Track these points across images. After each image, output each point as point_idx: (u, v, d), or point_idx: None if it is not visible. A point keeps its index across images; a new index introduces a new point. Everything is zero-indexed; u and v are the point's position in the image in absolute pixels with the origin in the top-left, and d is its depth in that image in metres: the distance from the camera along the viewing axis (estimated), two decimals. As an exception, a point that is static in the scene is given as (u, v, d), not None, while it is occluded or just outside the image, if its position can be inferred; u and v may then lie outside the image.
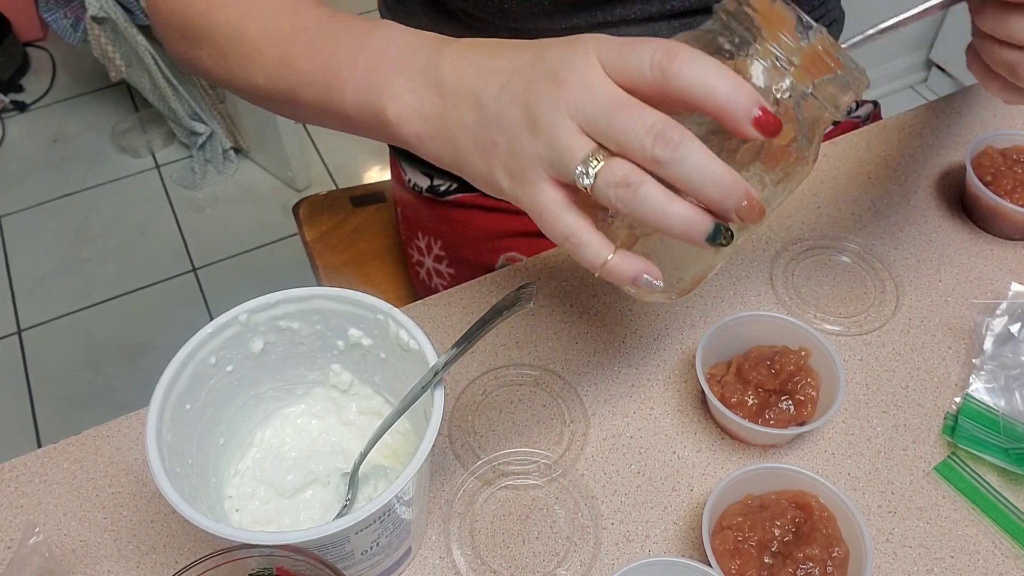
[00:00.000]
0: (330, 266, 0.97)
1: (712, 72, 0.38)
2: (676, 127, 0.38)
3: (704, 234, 0.40)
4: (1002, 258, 0.70)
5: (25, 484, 0.57)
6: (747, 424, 0.56)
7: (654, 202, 0.39)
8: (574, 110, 0.40)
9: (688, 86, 0.39)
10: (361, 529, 0.44)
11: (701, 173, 0.38)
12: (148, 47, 1.76)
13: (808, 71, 0.41)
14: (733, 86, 0.38)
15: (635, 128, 0.39)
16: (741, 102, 0.38)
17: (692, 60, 0.39)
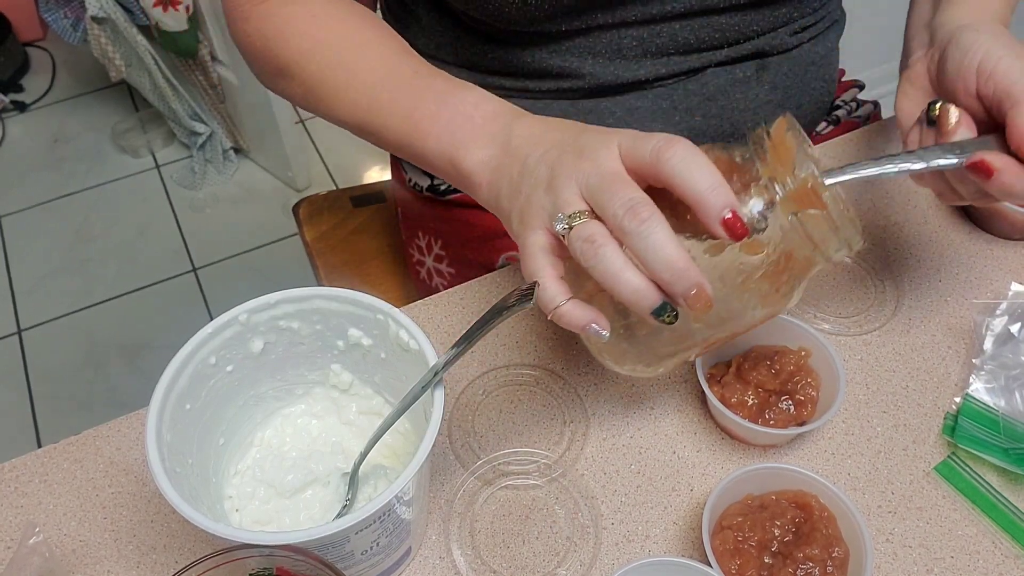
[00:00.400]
0: (330, 266, 0.97)
1: (697, 167, 0.43)
2: (649, 206, 0.43)
3: (649, 307, 0.44)
4: (1002, 258, 0.70)
5: (25, 484, 0.57)
6: (747, 424, 0.56)
7: (610, 264, 0.43)
8: (582, 178, 0.46)
9: (673, 173, 0.43)
10: (361, 529, 0.44)
11: (657, 252, 0.42)
12: (148, 47, 1.76)
13: (795, 202, 0.45)
14: (712, 183, 0.43)
15: (616, 198, 0.44)
16: (716, 200, 0.42)
17: (685, 152, 0.43)
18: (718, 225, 0.43)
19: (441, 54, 0.76)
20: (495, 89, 0.75)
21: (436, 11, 0.74)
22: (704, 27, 0.71)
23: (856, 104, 0.89)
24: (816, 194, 0.44)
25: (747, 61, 0.74)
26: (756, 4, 0.71)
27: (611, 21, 0.68)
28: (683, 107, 0.73)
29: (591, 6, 0.67)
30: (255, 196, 1.97)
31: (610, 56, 0.71)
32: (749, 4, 0.70)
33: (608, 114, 0.73)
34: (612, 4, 0.67)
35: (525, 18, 0.67)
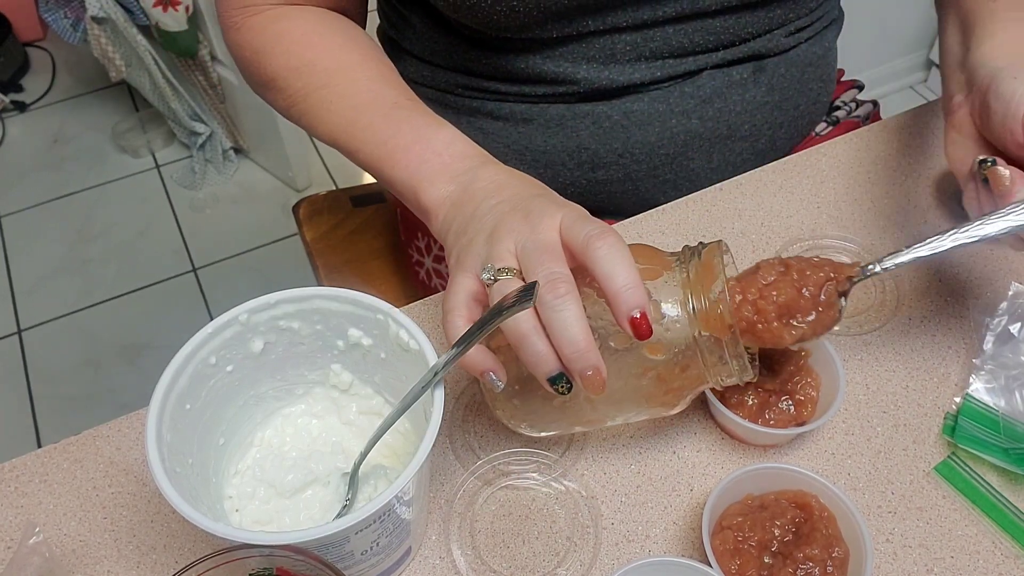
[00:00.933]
0: (330, 266, 0.97)
1: (619, 263, 0.46)
2: (567, 284, 0.46)
3: (547, 374, 0.47)
4: (1002, 258, 0.70)
5: (25, 484, 0.57)
6: (747, 424, 0.56)
7: (521, 325, 0.46)
8: (520, 239, 0.49)
9: (596, 264, 0.46)
10: (361, 529, 0.44)
11: (565, 328, 0.45)
12: (148, 47, 1.76)
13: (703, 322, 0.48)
14: (629, 282, 0.45)
15: (541, 267, 0.46)
16: (629, 298, 0.45)
17: (613, 248, 0.46)
18: (626, 322, 0.45)
19: (436, 59, 0.76)
20: (491, 92, 0.75)
21: (429, 17, 0.74)
22: (698, 31, 0.70)
23: (856, 104, 0.89)
24: (722, 323, 0.47)
25: (743, 63, 0.74)
26: (750, 6, 0.70)
27: (602, 27, 0.68)
28: (679, 110, 0.73)
29: (581, 12, 0.67)
30: (255, 196, 1.97)
31: (603, 61, 0.71)
32: (742, 6, 0.70)
33: (604, 118, 0.73)
34: (602, 9, 0.67)
35: (515, 24, 0.67)
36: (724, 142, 0.77)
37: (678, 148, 0.75)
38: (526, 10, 0.65)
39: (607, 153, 0.75)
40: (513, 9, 0.65)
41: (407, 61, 0.80)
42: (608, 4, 0.67)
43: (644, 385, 0.50)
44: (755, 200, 0.74)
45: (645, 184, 0.77)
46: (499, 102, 0.75)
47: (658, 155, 0.75)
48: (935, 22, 0.72)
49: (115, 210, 1.96)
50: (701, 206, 0.74)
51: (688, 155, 0.76)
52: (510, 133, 0.76)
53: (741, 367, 0.49)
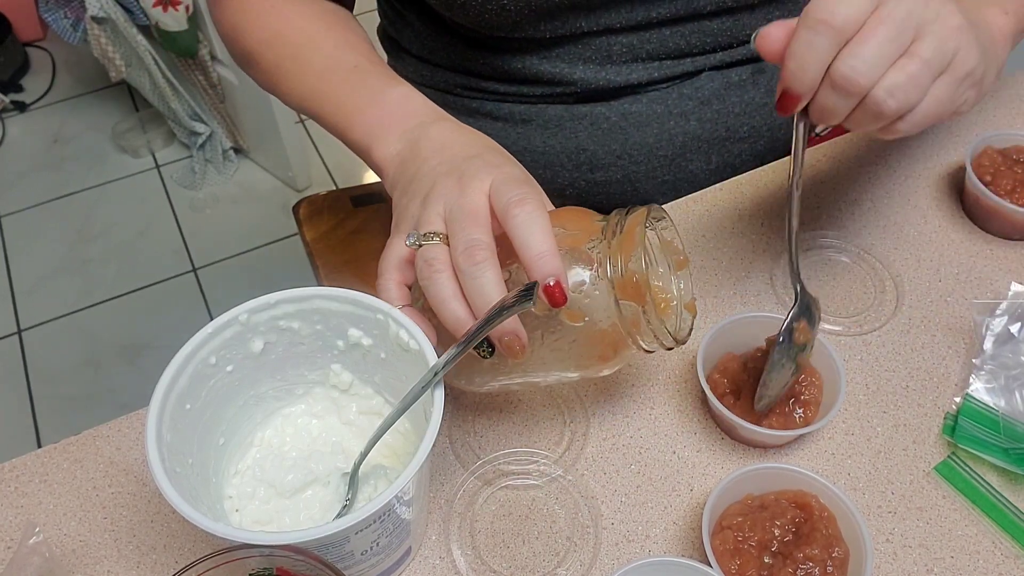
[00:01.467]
0: (330, 266, 0.97)
1: (537, 231, 0.46)
2: (485, 251, 0.46)
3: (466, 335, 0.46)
4: (1002, 258, 0.70)
5: (25, 484, 0.57)
6: (748, 425, 0.56)
7: (441, 290, 0.47)
8: (448, 203, 0.49)
9: (512, 231, 0.46)
10: (361, 529, 0.44)
11: (481, 293, 0.46)
12: (148, 47, 1.76)
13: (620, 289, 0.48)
14: (544, 250, 0.45)
15: (462, 233, 0.47)
16: (543, 267, 0.45)
17: (530, 215, 0.46)
18: (541, 291, 0.45)
19: (435, 58, 0.76)
20: (490, 92, 0.75)
21: (426, 16, 0.74)
22: (695, 32, 0.70)
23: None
24: (639, 291, 0.47)
25: (742, 65, 0.74)
26: (747, 7, 0.70)
27: (596, 28, 0.68)
28: (677, 111, 0.73)
29: (573, 12, 0.67)
30: (255, 196, 1.97)
31: (600, 62, 0.70)
32: (739, 7, 0.70)
33: (603, 119, 0.73)
34: (595, 9, 0.67)
35: (506, 23, 0.67)
36: (723, 144, 0.76)
37: (676, 149, 0.75)
38: (516, 8, 0.65)
39: (605, 154, 0.75)
40: (503, 7, 0.65)
41: (406, 60, 0.80)
42: (600, 4, 0.67)
43: (568, 349, 0.50)
44: (755, 200, 0.74)
45: (644, 185, 0.77)
46: (497, 102, 0.75)
47: (657, 156, 0.75)
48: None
49: (115, 210, 1.96)
50: (701, 206, 0.74)
51: (687, 156, 0.76)
52: (509, 134, 0.76)
53: (661, 334, 0.49)
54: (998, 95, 0.83)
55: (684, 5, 0.68)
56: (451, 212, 0.49)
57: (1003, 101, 0.82)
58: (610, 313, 0.48)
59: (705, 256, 0.70)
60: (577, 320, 0.49)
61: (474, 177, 0.50)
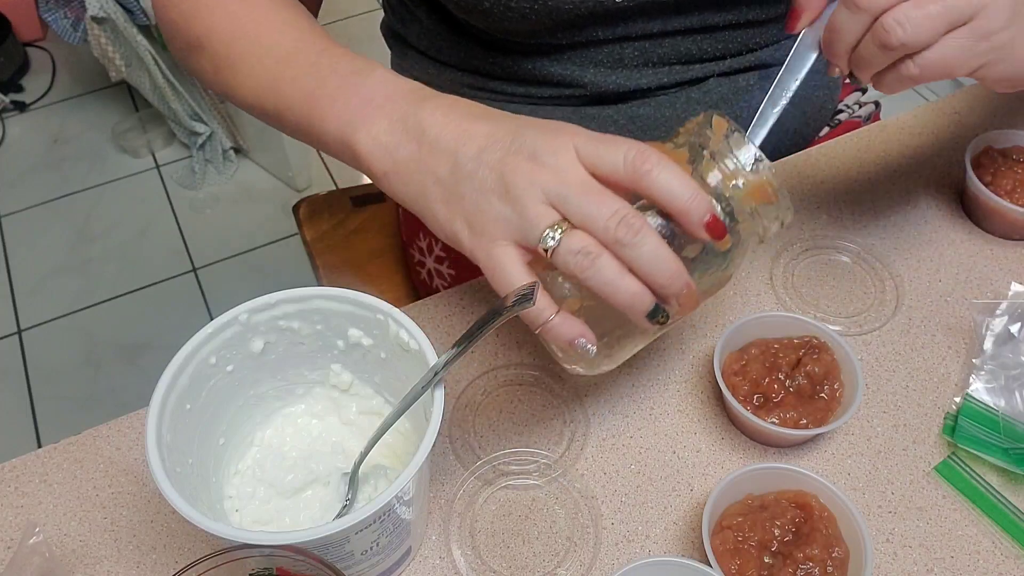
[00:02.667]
0: (330, 266, 0.97)
1: (677, 178, 0.45)
2: (638, 216, 0.44)
3: (646, 310, 0.45)
4: (1002, 258, 0.70)
5: (25, 484, 0.57)
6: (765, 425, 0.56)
7: (608, 274, 0.44)
8: (549, 189, 0.45)
9: (656, 187, 0.45)
10: (361, 529, 0.44)
11: (654, 258, 0.44)
12: (148, 47, 1.76)
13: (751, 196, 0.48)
14: (693, 193, 0.44)
15: (602, 211, 0.44)
16: (697, 207, 0.44)
17: (661, 164, 0.45)
18: (702, 229, 0.45)
19: (442, 57, 0.76)
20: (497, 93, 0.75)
21: (437, 15, 0.74)
22: (706, 40, 0.71)
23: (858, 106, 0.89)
24: (763, 189, 0.48)
25: (750, 71, 0.74)
26: (758, 22, 0.71)
27: (612, 36, 0.68)
28: (685, 116, 0.73)
29: (592, 22, 0.67)
30: (255, 196, 1.97)
31: (611, 65, 0.71)
32: (749, 22, 0.70)
33: (611, 122, 0.73)
34: (613, 20, 0.67)
35: (524, 30, 0.67)
36: None
37: None
38: (537, 18, 0.65)
39: None
40: (524, 16, 0.64)
41: (412, 58, 0.80)
42: (619, 16, 0.67)
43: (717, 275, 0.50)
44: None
45: None
46: (504, 103, 0.75)
47: None
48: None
49: (115, 210, 1.95)
50: (701, 206, 0.74)
51: None
52: None
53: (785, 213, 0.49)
54: (998, 95, 0.83)
55: (698, 19, 0.68)
56: (561, 196, 0.45)
57: (1003, 101, 0.82)
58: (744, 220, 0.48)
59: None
60: (727, 244, 0.48)
61: (553, 152, 0.46)
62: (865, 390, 0.62)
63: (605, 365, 0.51)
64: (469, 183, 0.47)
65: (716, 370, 0.58)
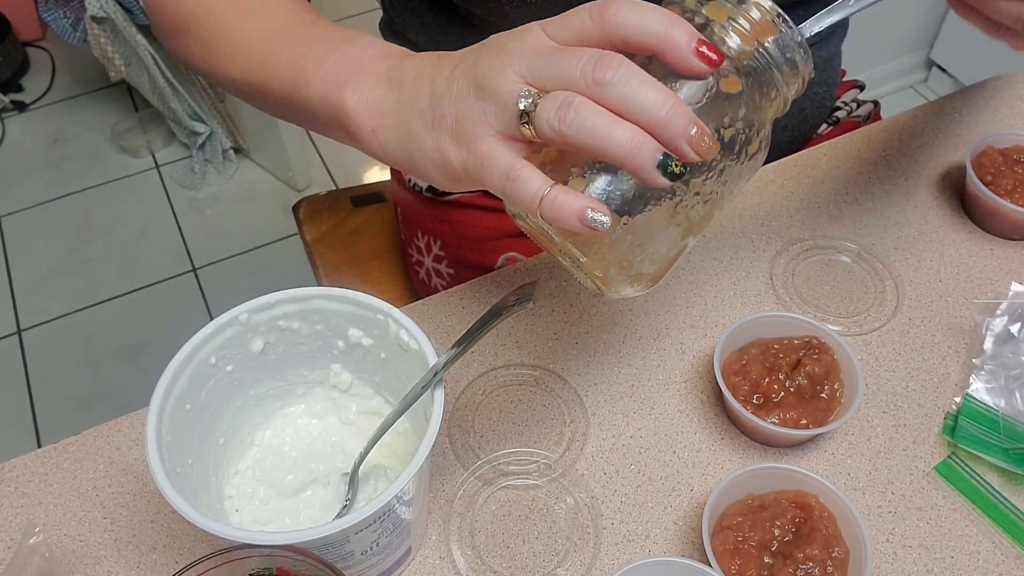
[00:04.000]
0: (330, 266, 0.97)
1: (648, 11, 0.39)
2: (617, 56, 0.39)
3: (653, 159, 0.38)
4: (1002, 258, 0.70)
5: (25, 484, 0.57)
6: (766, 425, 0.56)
7: (595, 121, 0.38)
8: (517, 66, 0.41)
9: (626, 24, 0.39)
10: (361, 529, 0.44)
11: (644, 92, 0.38)
12: (148, 47, 1.76)
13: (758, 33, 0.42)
14: (670, 22, 0.39)
15: (575, 60, 0.39)
16: (679, 35, 0.39)
17: (627, 3, 0.39)
18: (692, 56, 0.39)
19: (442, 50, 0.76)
20: None
21: (437, 7, 0.74)
22: None
23: (856, 104, 0.89)
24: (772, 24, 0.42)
25: None
26: None
27: None
28: None
29: None
30: (255, 196, 1.97)
31: None
32: None
33: None
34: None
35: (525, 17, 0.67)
36: None
37: None
38: (538, 5, 0.65)
39: None
40: (525, 2, 0.64)
41: None
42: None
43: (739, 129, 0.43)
44: (755, 200, 0.74)
45: None
46: None
47: None
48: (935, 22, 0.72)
49: (115, 210, 1.95)
50: (701, 206, 0.74)
51: None
52: None
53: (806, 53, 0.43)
54: (998, 95, 0.83)
55: None
56: (531, 66, 0.40)
57: (1003, 101, 0.82)
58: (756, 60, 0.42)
59: (705, 256, 0.70)
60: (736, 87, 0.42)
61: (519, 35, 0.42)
62: (865, 390, 0.62)
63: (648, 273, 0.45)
64: (447, 98, 0.44)
65: (716, 370, 0.58)
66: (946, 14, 1.93)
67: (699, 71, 0.39)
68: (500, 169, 0.41)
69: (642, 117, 0.38)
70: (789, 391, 0.58)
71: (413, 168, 0.47)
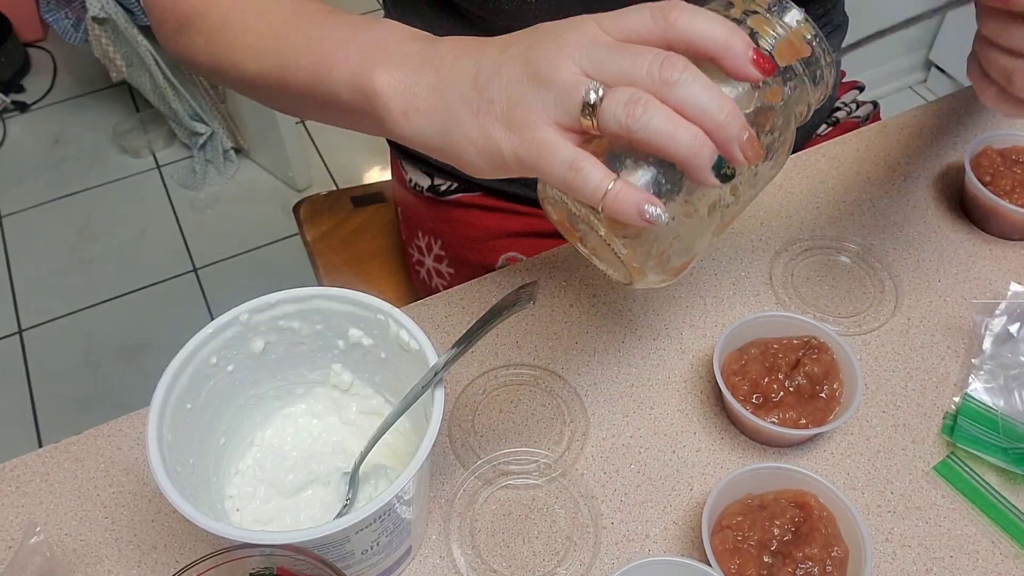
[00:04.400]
0: (330, 266, 0.98)
1: (709, 18, 0.40)
2: (681, 58, 0.40)
3: (709, 159, 0.40)
4: (1001, 258, 0.70)
5: (26, 484, 0.57)
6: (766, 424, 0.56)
7: (662, 121, 0.39)
8: (577, 56, 0.41)
9: (690, 30, 0.40)
10: (361, 529, 0.44)
11: (708, 95, 0.39)
12: (149, 47, 1.76)
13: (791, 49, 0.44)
14: (730, 30, 0.40)
15: (640, 59, 0.40)
16: (739, 43, 0.40)
17: (690, 9, 0.41)
18: (749, 64, 0.40)
19: None
20: None
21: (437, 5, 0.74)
22: None
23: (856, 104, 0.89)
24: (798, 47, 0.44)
25: None
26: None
27: None
28: None
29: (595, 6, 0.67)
30: (255, 196, 1.97)
31: None
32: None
33: None
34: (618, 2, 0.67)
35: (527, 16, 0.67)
36: None
37: None
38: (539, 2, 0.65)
39: None
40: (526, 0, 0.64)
41: None
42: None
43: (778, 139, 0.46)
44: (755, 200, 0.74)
45: None
46: None
47: None
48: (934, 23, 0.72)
49: (116, 210, 1.96)
50: (701, 206, 0.74)
51: None
52: None
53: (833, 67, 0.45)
54: (998, 95, 0.83)
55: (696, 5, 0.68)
56: (594, 58, 0.40)
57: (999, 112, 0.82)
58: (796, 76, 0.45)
59: (705, 256, 0.70)
60: (778, 98, 0.44)
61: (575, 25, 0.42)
62: (864, 390, 0.62)
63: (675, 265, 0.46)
64: (496, 83, 0.42)
65: (716, 370, 0.58)
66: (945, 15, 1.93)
67: (753, 78, 0.41)
68: (561, 159, 0.41)
69: (704, 119, 0.39)
70: (788, 391, 0.58)
71: (449, 152, 0.45)
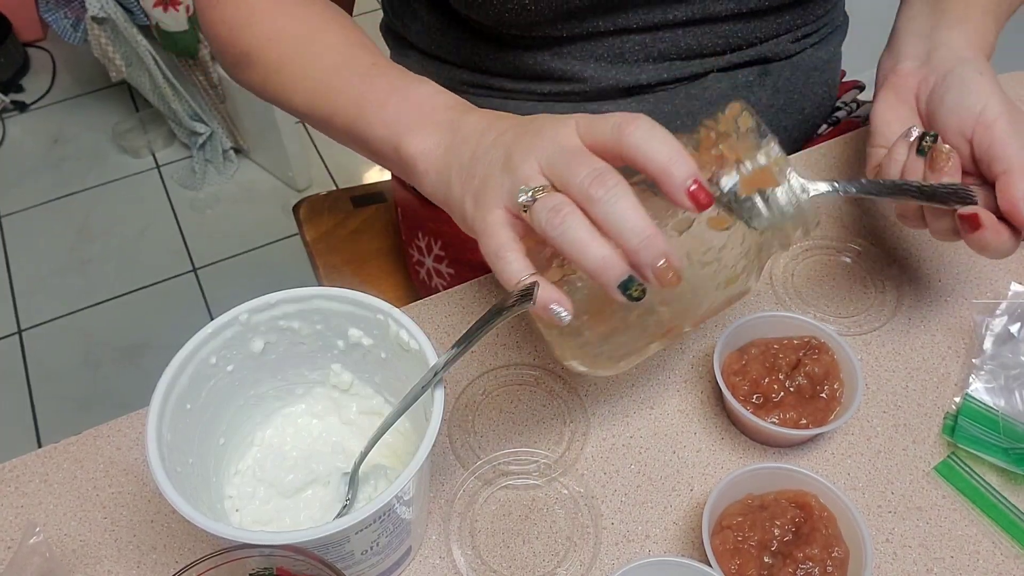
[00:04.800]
0: (330, 266, 0.97)
1: (658, 139, 0.43)
2: (616, 176, 0.42)
3: (617, 279, 0.42)
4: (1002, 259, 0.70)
5: (25, 484, 0.57)
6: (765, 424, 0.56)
7: (577, 233, 0.42)
8: (541, 154, 0.45)
9: (635, 145, 0.43)
10: (361, 529, 0.44)
11: (625, 218, 0.42)
12: (148, 47, 1.76)
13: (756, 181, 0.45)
14: (674, 153, 0.42)
15: (581, 167, 0.43)
16: (679, 170, 0.42)
17: (645, 126, 0.43)
18: (683, 194, 0.42)
19: (442, 54, 0.76)
20: (496, 90, 0.75)
21: (437, 10, 0.74)
22: (706, 34, 0.71)
23: (856, 104, 0.89)
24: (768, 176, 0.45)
25: (749, 66, 0.74)
26: (759, 12, 0.71)
27: (612, 28, 0.68)
28: (684, 111, 0.73)
29: (592, 12, 0.67)
30: (255, 196, 1.97)
31: (611, 60, 0.71)
32: (751, 12, 0.70)
33: None
34: (613, 10, 0.67)
35: (525, 22, 0.67)
36: None
37: None
38: (538, 9, 0.65)
39: None
40: (524, 7, 0.64)
41: (411, 56, 0.80)
42: (620, 5, 0.67)
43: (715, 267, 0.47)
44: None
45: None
46: (504, 99, 0.75)
47: None
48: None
49: (115, 210, 1.96)
50: (701, 206, 0.74)
51: None
52: None
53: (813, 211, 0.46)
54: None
55: (700, 8, 0.68)
56: (551, 160, 0.44)
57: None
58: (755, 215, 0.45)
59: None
60: (723, 225, 0.45)
61: (556, 125, 0.46)
62: (865, 390, 0.62)
63: (604, 365, 0.49)
64: (483, 161, 0.48)
65: (716, 370, 0.58)
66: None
67: (686, 207, 0.43)
68: (493, 244, 0.45)
69: (619, 239, 0.42)
70: (789, 391, 0.58)
71: (447, 209, 0.52)
